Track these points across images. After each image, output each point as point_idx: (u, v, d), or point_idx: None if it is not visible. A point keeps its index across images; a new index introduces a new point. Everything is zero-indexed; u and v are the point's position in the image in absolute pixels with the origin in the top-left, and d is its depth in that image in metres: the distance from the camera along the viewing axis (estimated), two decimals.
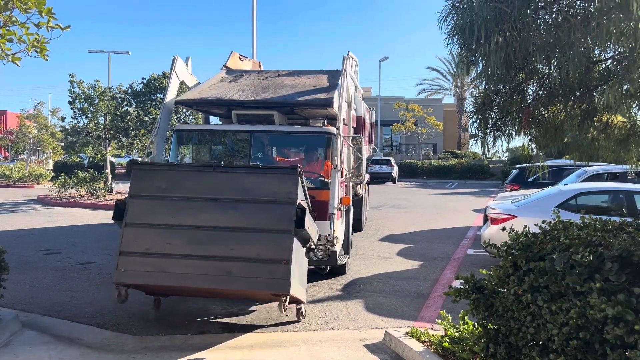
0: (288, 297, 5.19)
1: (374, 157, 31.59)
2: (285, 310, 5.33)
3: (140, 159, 5.55)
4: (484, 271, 4.47)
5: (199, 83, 9.40)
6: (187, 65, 9.30)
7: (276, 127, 8.00)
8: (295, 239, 5.26)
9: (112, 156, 24.81)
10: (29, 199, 20.76)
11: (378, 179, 31.71)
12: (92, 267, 8.87)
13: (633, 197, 8.41)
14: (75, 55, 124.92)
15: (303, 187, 5.65)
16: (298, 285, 5.50)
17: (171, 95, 8.48)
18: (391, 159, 35.09)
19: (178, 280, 5.23)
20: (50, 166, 37.89)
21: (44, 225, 13.63)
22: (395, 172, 33.58)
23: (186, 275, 5.20)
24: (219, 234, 5.30)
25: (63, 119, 24.74)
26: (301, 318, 6.20)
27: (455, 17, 3.74)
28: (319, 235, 6.57)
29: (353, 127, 10.14)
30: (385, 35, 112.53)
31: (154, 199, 5.54)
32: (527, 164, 7.02)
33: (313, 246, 6.22)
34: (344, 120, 7.94)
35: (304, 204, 5.50)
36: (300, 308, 6.17)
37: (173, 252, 5.26)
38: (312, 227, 5.80)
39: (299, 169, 5.47)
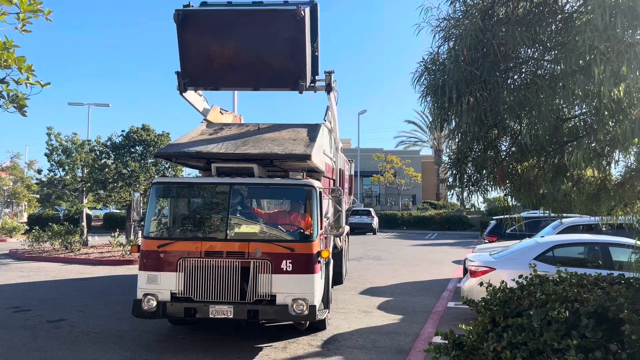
0: None
1: (354, 208, 31.64)
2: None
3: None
4: (463, 326, 4.43)
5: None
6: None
7: (255, 179, 8.00)
8: None
9: (89, 208, 24.39)
10: (1, 253, 20.18)
11: (358, 229, 31.68)
12: (63, 325, 8.57)
13: (608, 249, 8.54)
14: (54, 106, 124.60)
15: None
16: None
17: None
18: (371, 209, 35.13)
19: None
20: (25, 219, 37.06)
21: (15, 281, 13.20)
22: (375, 222, 33.58)
23: None
24: None
25: (40, 171, 24.38)
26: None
27: (428, 78, 3.87)
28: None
29: (333, 179, 10.23)
30: (363, 89, 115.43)
31: None
32: (505, 216, 7.13)
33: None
34: (323, 172, 8.00)
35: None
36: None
37: None
38: None
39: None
